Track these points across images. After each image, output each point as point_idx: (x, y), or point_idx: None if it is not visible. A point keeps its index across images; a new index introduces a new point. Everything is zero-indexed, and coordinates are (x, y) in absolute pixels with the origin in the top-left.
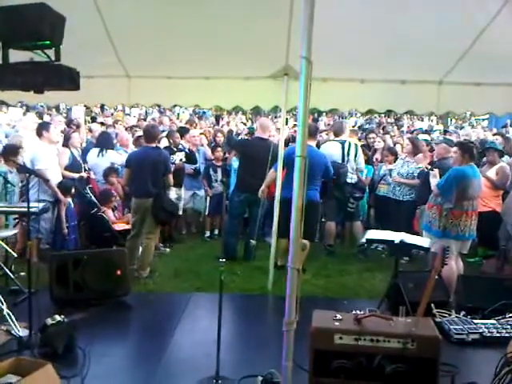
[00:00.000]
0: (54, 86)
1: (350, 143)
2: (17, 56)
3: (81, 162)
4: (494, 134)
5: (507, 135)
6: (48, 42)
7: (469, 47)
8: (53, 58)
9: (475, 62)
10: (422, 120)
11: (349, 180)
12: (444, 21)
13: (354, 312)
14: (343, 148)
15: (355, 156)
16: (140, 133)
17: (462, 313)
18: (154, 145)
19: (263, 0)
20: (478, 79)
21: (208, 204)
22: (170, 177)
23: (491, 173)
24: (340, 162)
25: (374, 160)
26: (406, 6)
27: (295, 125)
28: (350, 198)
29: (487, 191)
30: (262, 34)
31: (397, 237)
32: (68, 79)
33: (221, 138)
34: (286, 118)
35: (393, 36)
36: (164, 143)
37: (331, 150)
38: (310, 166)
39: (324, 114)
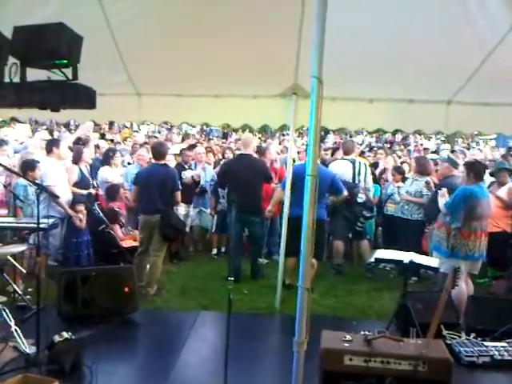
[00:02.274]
0: (71, 105)
1: (359, 162)
2: (34, 74)
3: (90, 178)
4: (503, 156)
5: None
6: (65, 61)
7: (478, 67)
8: (70, 77)
9: (484, 82)
10: (429, 139)
11: (359, 199)
12: (453, 41)
13: (363, 333)
14: (354, 167)
15: (365, 175)
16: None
17: (472, 335)
18: (162, 162)
19: (273, 20)
20: (486, 99)
21: (215, 221)
22: (178, 194)
23: (502, 193)
24: (351, 181)
25: (381, 179)
26: (414, 26)
27: (303, 144)
28: (360, 218)
29: (499, 211)
30: (271, 54)
31: (406, 257)
32: (85, 98)
33: (230, 155)
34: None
35: (401, 56)
36: (173, 161)
37: (342, 169)
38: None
39: (331, 131)
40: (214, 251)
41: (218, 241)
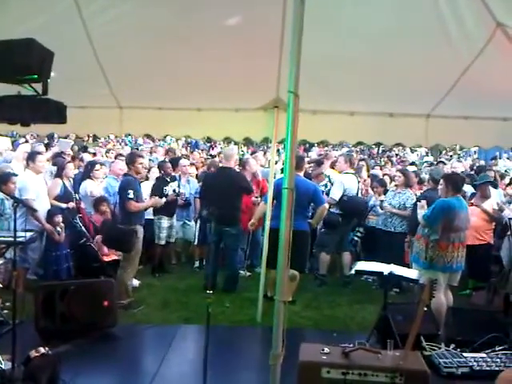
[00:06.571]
0: (41, 120)
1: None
2: (5, 89)
3: (72, 192)
4: (476, 169)
5: (494, 168)
6: (35, 76)
7: (455, 82)
8: (40, 92)
9: (462, 97)
10: (412, 151)
11: None
12: (431, 56)
13: (343, 345)
14: (358, 181)
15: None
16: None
17: (452, 346)
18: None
19: (254, 34)
20: (465, 113)
21: (198, 232)
22: (130, 204)
23: (487, 205)
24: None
25: (364, 191)
26: (393, 42)
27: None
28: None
29: (483, 224)
30: (253, 68)
31: (386, 268)
32: (55, 113)
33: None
34: (278, 149)
35: (380, 71)
36: (155, 173)
37: (351, 184)
38: (296, 195)
39: (315, 144)
40: (196, 263)
41: (200, 253)
